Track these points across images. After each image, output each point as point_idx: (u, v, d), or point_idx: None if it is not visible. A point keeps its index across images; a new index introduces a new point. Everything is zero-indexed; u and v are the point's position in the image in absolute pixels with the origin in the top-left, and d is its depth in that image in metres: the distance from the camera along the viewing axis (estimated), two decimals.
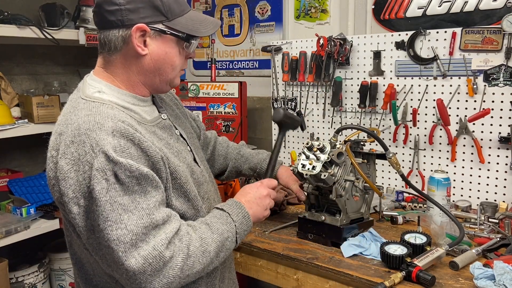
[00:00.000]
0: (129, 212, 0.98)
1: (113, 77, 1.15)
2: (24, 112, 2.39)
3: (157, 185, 1.04)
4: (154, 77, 1.16)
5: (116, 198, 0.97)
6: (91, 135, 1.00)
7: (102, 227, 0.97)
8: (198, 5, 2.86)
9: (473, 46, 1.87)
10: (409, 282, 1.29)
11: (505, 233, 1.56)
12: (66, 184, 1.00)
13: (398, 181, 2.12)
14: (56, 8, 2.49)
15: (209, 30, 1.22)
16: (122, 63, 1.13)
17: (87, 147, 0.99)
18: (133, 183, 0.99)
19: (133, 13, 1.08)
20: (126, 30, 1.09)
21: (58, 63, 2.97)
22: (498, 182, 1.87)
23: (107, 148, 0.98)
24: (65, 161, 1.00)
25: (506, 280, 1.20)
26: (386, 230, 1.70)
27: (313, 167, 1.51)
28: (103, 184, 0.97)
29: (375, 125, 2.16)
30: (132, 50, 1.11)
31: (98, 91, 1.12)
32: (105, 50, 1.13)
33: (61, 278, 2.66)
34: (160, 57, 1.14)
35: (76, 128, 1.02)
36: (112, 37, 1.10)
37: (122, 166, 0.98)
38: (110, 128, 1.01)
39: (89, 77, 1.18)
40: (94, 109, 1.06)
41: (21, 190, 2.50)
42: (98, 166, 0.97)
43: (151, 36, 1.11)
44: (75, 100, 1.12)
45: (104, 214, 0.97)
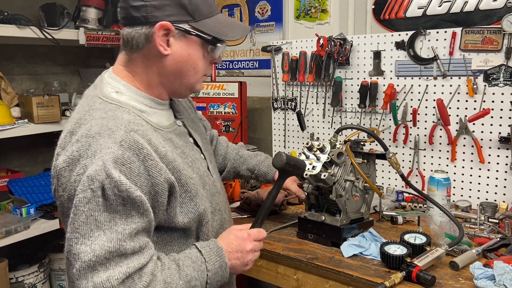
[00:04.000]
0: (101, 230, 0.92)
1: (132, 76, 1.10)
2: (24, 112, 2.39)
3: (144, 212, 0.97)
4: (175, 80, 1.11)
5: (94, 213, 0.92)
6: (99, 140, 0.95)
7: (68, 236, 0.93)
8: None
9: (473, 46, 1.87)
10: (409, 282, 1.29)
11: (505, 233, 1.56)
12: (59, 182, 0.97)
13: (398, 181, 2.12)
14: (56, 8, 2.50)
15: (237, 34, 1.15)
16: (143, 62, 1.09)
17: (90, 151, 0.95)
18: (117, 202, 0.93)
19: (158, 10, 1.03)
20: (150, 27, 1.04)
21: (58, 63, 2.97)
22: (498, 182, 1.87)
23: (108, 158, 0.93)
24: (63, 158, 0.96)
25: (506, 280, 1.20)
26: (386, 230, 1.70)
27: (313, 167, 1.51)
28: (87, 194, 0.92)
29: (375, 125, 2.16)
30: (154, 49, 1.06)
31: (116, 92, 1.07)
32: (127, 47, 1.08)
33: (61, 278, 2.66)
34: (183, 59, 1.08)
35: (87, 129, 0.98)
36: (135, 34, 1.05)
37: (113, 182, 0.92)
38: (120, 137, 0.96)
39: (108, 74, 1.12)
40: (110, 112, 1.01)
41: (21, 190, 2.49)
42: (90, 173, 0.92)
43: (175, 36, 1.06)
44: (91, 98, 1.07)
45: (75, 224, 0.92)
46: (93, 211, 0.92)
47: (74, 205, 0.92)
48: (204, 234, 1.15)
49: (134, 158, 0.96)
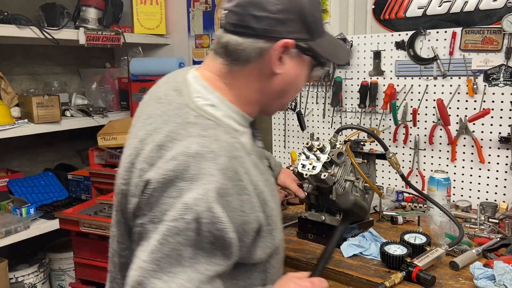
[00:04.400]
0: (181, 267, 0.80)
1: (228, 89, 0.97)
2: (24, 112, 2.39)
3: (228, 255, 0.85)
4: (276, 100, 1.02)
5: (181, 247, 0.80)
6: (200, 162, 0.83)
7: (143, 265, 0.80)
8: (198, 5, 2.86)
9: (473, 46, 1.86)
10: (409, 282, 1.29)
11: (505, 233, 1.56)
12: (147, 201, 0.85)
13: (398, 181, 2.12)
14: (56, 8, 2.50)
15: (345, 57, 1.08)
16: (245, 77, 0.96)
17: (188, 173, 0.82)
18: (208, 239, 0.81)
19: (281, 25, 0.92)
20: (267, 42, 0.92)
21: (58, 63, 2.97)
22: (498, 182, 1.87)
23: (211, 187, 0.81)
24: (155, 176, 0.83)
25: (506, 280, 1.20)
26: (386, 230, 1.70)
27: (313, 167, 1.51)
28: (179, 224, 0.79)
29: (375, 125, 2.15)
30: (265, 65, 0.95)
31: (211, 105, 0.94)
32: (230, 57, 0.95)
33: (61, 278, 2.66)
34: (291, 79, 0.99)
35: (185, 146, 0.84)
36: (247, 45, 0.93)
37: (212, 217, 0.80)
38: (223, 164, 0.84)
39: (195, 79, 0.98)
40: (211, 131, 0.88)
41: (21, 190, 2.50)
42: (188, 200, 0.80)
43: (290, 54, 0.95)
44: (180, 107, 0.92)
45: (156, 255, 0.80)
46: (180, 244, 0.80)
47: (162, 232, 0.80)
48: (271, 266, 1.03)
49: (232, 191, 0.85)
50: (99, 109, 2.74)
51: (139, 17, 2.89)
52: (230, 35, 0.95)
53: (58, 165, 2.96)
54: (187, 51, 2.95)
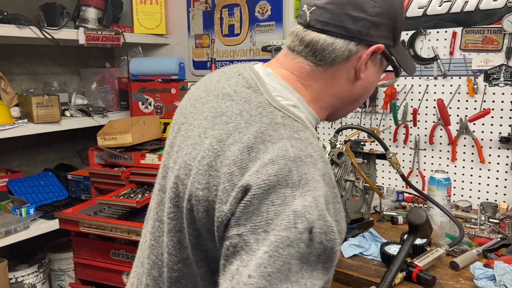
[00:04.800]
0: (289, 282, 0.71)
1: (305, 90, 0.91)
2: (23, 112, 2.39)
3: (328, 269, 0.77)
4: (349, 105, 0.97)
5: (291, 260, 0.71)
6: (301, 167, 0.76)
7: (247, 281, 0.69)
8: (198, 5, 2.86)
9: (474, 46, 1.86)
10: (409, 282, 1.29)
11: (505, 233, 1.55)
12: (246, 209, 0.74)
13: (398, 181, 2.12)
14: (55, 8, 2.50)
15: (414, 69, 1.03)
16: (326, 80, 0.91)
17: (291, 178, 0.74)
18: (317, 251, 0.73)
19: (375, 29, 0.88)
20: (357, 45, 0.87)
21: (57, 63, 2.97)
22: (499, 182, 1.87)
23: (319, 193, 0.75)
24: (257, 181, 0.74)
25: (507, 280, 1.20)
26: (386, 230, 1.70)
27: None
28: (291, 234, 0.71)
29: (375, 125, 2.15)
30: (349, 69, 0.90)
31: (293, 106, 0.88)
32: (315, 56, 0.89)
33: (61, 278, 2.66)
34: (369, 85, 0.95)
35: (282, 149, 0.77)
36: (338, 46, 0.87)
37: (325, 226, 0.73)
38: (322, 169, 0.78)
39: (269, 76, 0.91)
40: (302, 133, 0.81)
41: (20, 190, 2.50)
42: (297, 208, 0.72)
43: (374, 60, 0.92)
44: (262, 105, 0.84)
45: (267, 269, 0.69)
46: (291, 257, 0.71)
47: (272, 244, 0.71)
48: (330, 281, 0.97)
49: (330, 198, 0.78)
50: (99, 109, 2.74)
51: (139, 17, 2.89)
52: (317, 33, 0.88)
53: (58, 165, 2.96)
54: (187, 51, 2.95)
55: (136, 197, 2.16)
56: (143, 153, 2.30)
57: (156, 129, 2.51)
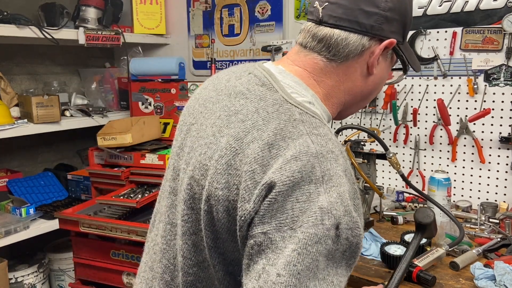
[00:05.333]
0: (316, 280, 0.70)
1: (318, 87, 0.90)
2: (23, 112, 2.39)
3: (351, 264, 0.77)
4: (360, 102, 0.97)
5: (319, 257, 0.70)
6: (324, 163, 0.75)
7: (276, 280, 0.68)
8: (198, 4, 2.86)
9: (474, 46, 1.86)
10: (409, 282, 1.29)
11: (505, 234, 1.55)
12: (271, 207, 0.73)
13: (398, 181, 2.12)
14: (55, 7, 2.50)
15: (420, 67, 1.04)
16: (338, 75, 0.90)
17: (315, 175, 0.73)
18: (343, 247, 0.74)
19: (387, 24, 0.88)
20: (371, 40, 0.88)
21: (57, 63, 2.97)
22: (499, 182, 1.87)
23: (343, 190, 0.74)
24: (281, 177, 0.73)
25: (507, 280, 1.19)
26: (386, 230, 1.70)
27: None
28: (318, 230, 0.70)
29: (375, 125, 2.15)
30: (362, 64, 0.90)
31: (309, 102, 0.87)
32: (329, 53, 0.89)
33: (61, 278, 2.66)
34: (379, 81, 0.95)
35: (303, 145, 0.76)
36: (352, 41, 0.87)
37: (351, 221, 0.73)
38: (343, 165, 0.78)
39: (282, 74, 0.90)
40: (321, 129, 0.81)
41: (20, 190, 2.50)
42: (323, 204, 0.72)
43: (385, 55, 0.92)
44: (278, 102, 0.83)
45: (296, 267, 0.69)
46: (319, 254, 0.71)
47: (300, 241, 0.70)
48: None
49: (353, 195, 0.78)
50: (99, 109, 2.74)
51: (139, 17, 2.89)
52: (330, 29, 0.88)
53: (57, 165, 2.96)
54: (187, 51, 2.94)
55: (136, 197, 2.16)
56: (143, 153, 2.30)
57: (156, 129, 2.51)
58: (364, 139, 1.69)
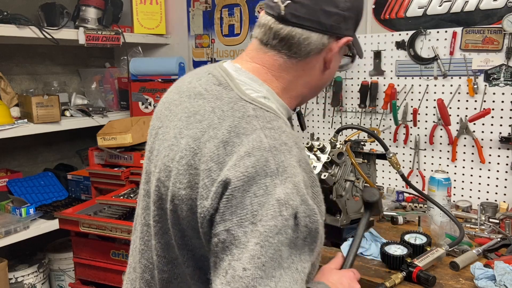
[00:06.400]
0: (282, 269, 0.73)
1: (277, 82, 0.94)
2: (23, 112, 2.39)
3: (313, 249, 0.80)
4: (315, 92, 1.02)
5: (282, 247, 0.74)
6: (277, 156, 0.78)
7: (248, 274, 0.71)
8: (198, 4, 2.86)
9: (474, 46, 1.86)
10: (409, 282, 1.29)
11: (505, 234, 1.55)
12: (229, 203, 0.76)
13: (398, 181, 2.12)
14: (55, 7, 2.49)
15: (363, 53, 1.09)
16: (297, 71, 0.94)
17: (269, 168, 0.76)
18: (303, 235, 0.77)
19: (344, 22, 0.93)
20: (330, 38, 0.92)
21: (57, 63, 2.97)
22: (499, 182, 1.87)
23: (298, 179, 0.77)
24: (236, 174, 0.76)
25: (507, 280, 1.19)
26: (386, 230, 1.70)
27: (313, 167, 1.51)
28: (278, 222, 0.73)
29: (375, 125, 2.15)
30: (320, 60, 0.94)
31: (264, 97, 0.90)
32: (290, 51, 0.92)
33: (61, 278, 2.66)
34: (333, 74, 1.01)
35: (256, 140, 0.79)
36: (313, 40, 0.91)
37: (308, 209, 0.77)
38: (297, 155, 0.81)
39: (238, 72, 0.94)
40: (274, 123, 0.84)
41: (20, 190, 2.50)
42: (281, 196, 0.74)
43: (340, 51, 0.96)
44: (233, 100, 0.86)
45: (260, 259, 0.72)
46: (281, 244, 0.74)
47: (261, 234, 0.73)
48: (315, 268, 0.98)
49: (309, 183, 0.82)
50: (99, 109, 2.74)
51: (139, 16, 2.88)
52: (293, 28, 0.90)
53: (57, 165, 2.96)
54: (187, 51, 2.94)
55: (136, 197, 2.16)
56: (143, 153, 2.29)
57: None
58: (364, 139, 1.69)
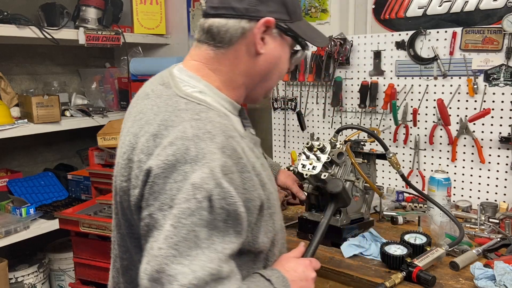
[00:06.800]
0: (200, 249, 0.78)
1: (215, 75, 0.99)
2: (23, 112, 2.39)
3: (240, 231, 0.85)
4: (260, 82, 1.03)
5: (196, 227, 0.79)
6: (199, 143, 0.83)
7: (162, 253, 0.77)
8: (198, 5, 2.86)
9: (474, 46, 1.86)
10: (409, 282, 1.29)
11: (505, 233, 1.55)
12: (151, 190, 0.83)
13: (398, 181, 2.12)
14: (55, 7, 2.50)
15: (323, 42, 1.11)
16: (230, 60, 0.98)
17: (189, 155, 0.82)
18: (221, 217, 0.81)
19: (262, 4, 0.95)
20: (249, 22, 0.95)
21: (57, 63, 2.97)
22: (499, 182, 1.87)
23: (215, 164, 0.82)
24: (157, 162, 0.83)
25: (507, 280, 1.20)
26: (386, 230, 1.70)
27: (313, 167, 1.51)
28: (191, 204, 0.79)
29: (375, 125, 2.15)
30: (248, 46, 0.97)
31: (199, 91, 0.96)
32: (215, 41, 0.97)
33: (61, 278, 2.66)
34: (274, 60, 1.02)
35: (181, 131, 0.85)
36: (230, 26, 0.95)
37: (222, 192, 0.81)
38: (221, 143, 0.85)
39: (180, 71, 1.01)
40: (203, 114, 0.90)
41: (20, 190, 2.50)
42: (196, 181, 0.80)
43: (272, 35, 0.98)
44: (169, 97, 0.93)
45: (173, 239, 0.78)
46: (195, 225, 0.79)
47: (175, 216, 0.79)
48: (273, 255, 1.05)
49: (234, 168, 0.86)
50: (99, 109, 2.74)
51: (139, 16, 2.88)
52: (212, 19, 0.97)
53: (58, 165, 2.96)
54: (186, 51, 2.91)
55: None
56: None
57: None
58: (364, 139, 1.69)
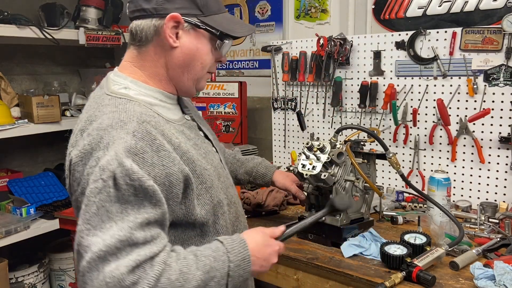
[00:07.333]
0: (113, 221, 0.89)
1: (141, 71, 1.11)
2: (24, 112, 2.39)
3: (156, 203, 0.94)
4: (182, 73, 1.12)
5: (105, 203, 0.90)
6: (111, 132, 0.95)
7: (79, 228, 0.91)
8: None
9: (473, 46, 1.86)
10: (409, 282, 1.29)
11: (505, 233, 1.55)
12: (73, 177, 0.98)
13: (398, 181, 2.12)
14: (56, 8, 2.50)
15: (244, 32, 1.19)
16: (151, 56, 1.10)
17: (102, 143, 0.94)
18: (129, 192, 0.91)
19: (169, 3, 1.05)
20: (160, 19, 1.06)
21: (58, 63, 2.97)
22: (498, 182, 1.87)
23: (120, 148, 0.92)
24: (76, 153, 0.97)
25: (507, 280, 1.20)
26: (386, 230, 1.70)
27: (313, 167, 1.51)
28: (98, 184, 0.91)
29: (375, 125, 2.15)
30: (163, 41, 1.07)
31: (124, 87, 1.08)
32: (136, 41, 1.09)
33: (61, 278, 2.66)
34: (191, 52, 1.10)
35: (98, 123, 0.98)
36: (144, 26, 1.07)
37: (124, 170, 0.91)
38: (132, 128, 0.96)
39: (113, 73, 1.13)
40: (121, 106, 1.02)
41: (20, 190, 2.50)
42: (102, 163, 0.91)
43: (184, 29, 1.08)
44: (99, 96, 1.07)
45: (86, 216, 0.90)
46: (104, 201, 0.90)
47: (86, 196, 0.91)
48: (221, 227, 1.13)
49: (147, 149, 0.96)
50: None
51: None
52: (132, 22, 1.10)
53: (58, 165, 2.97)
54: None
55: None
56: None
57: None
58: (364, 139, 1.69)
